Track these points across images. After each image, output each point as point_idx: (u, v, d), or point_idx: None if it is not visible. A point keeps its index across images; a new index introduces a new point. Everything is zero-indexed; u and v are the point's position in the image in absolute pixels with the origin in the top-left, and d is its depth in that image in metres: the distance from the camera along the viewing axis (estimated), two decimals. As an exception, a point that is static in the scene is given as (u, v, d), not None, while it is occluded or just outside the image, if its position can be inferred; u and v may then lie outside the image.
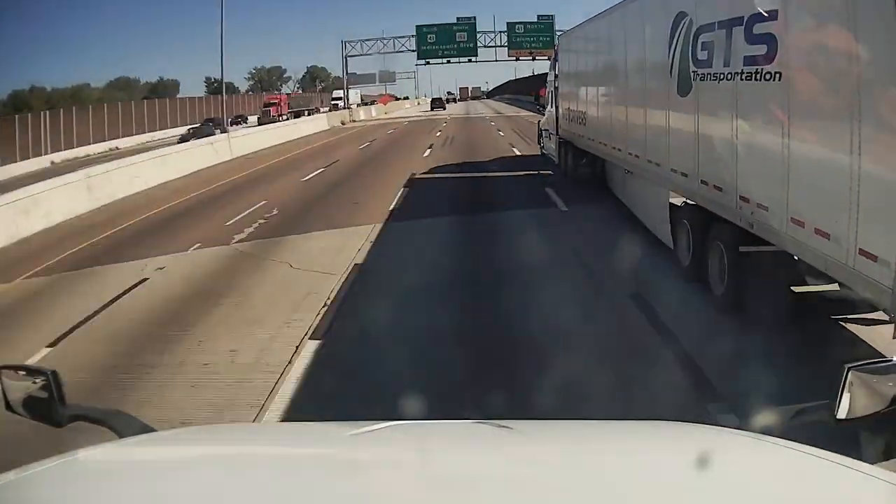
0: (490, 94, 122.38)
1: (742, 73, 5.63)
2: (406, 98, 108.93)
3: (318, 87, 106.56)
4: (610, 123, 10.13)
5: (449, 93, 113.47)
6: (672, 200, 7.50)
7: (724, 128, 6.01)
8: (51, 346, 6.21)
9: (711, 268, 6.42)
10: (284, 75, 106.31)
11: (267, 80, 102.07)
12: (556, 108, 15.30)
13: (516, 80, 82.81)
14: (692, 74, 6.63)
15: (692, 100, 6.65)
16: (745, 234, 5.71)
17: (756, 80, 5.39)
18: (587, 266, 7.73)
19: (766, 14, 5.21)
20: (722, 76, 6.00)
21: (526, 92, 52.37)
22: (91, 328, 6.68)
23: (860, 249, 4.13)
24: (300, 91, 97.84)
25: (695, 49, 6.58)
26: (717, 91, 6.15)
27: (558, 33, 26.23)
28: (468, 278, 7.52)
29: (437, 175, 16.91)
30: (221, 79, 35.91)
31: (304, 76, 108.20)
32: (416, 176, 16.45)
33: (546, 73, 18.83)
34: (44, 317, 7.15)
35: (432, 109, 69.20)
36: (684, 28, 6.83)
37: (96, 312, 7.06)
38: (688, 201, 7.06)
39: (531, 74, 61.21)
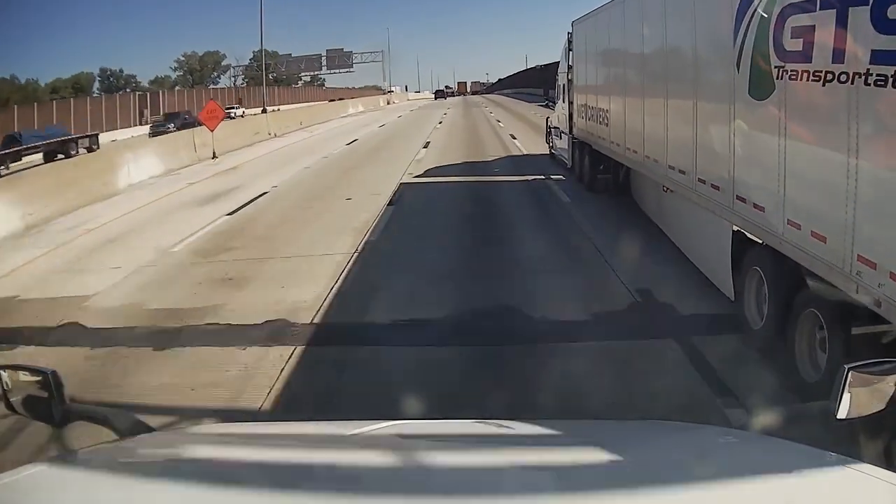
0: (492, 89, 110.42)
1: (868, 74, 3.78)
2: (386, 91, 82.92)
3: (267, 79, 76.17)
4: (642, 126, 8.25)
5: (447, 86, 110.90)
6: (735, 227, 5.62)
7: (831, 152, 4.17)
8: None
9: (799, 343, 4.62)
10: (223, 62, 78.47)
11: (199, 70, 75.41)
12: (570, 103, 13.43)
13: (528, 70, 69.09)
14: (775, 70, 4.76)
15: (775, 105, 4.80)
16: (862, 308, 3.90)
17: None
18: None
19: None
20: (830, 76, 4.14)
21: (538, 85, 42.35)
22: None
23: None
24: (244, 86, 68.36)
25: (779, 35, 4.71)
26: (818, 97, 4.30)
27: None
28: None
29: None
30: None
31: (250, 63, 76.33)
32: None
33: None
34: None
35: (436, 99, 77.78)
36: (762, 4, 4.96)
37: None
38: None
39: (543, 64, 49.59)
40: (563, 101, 14.30)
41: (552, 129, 16.67)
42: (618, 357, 5.27)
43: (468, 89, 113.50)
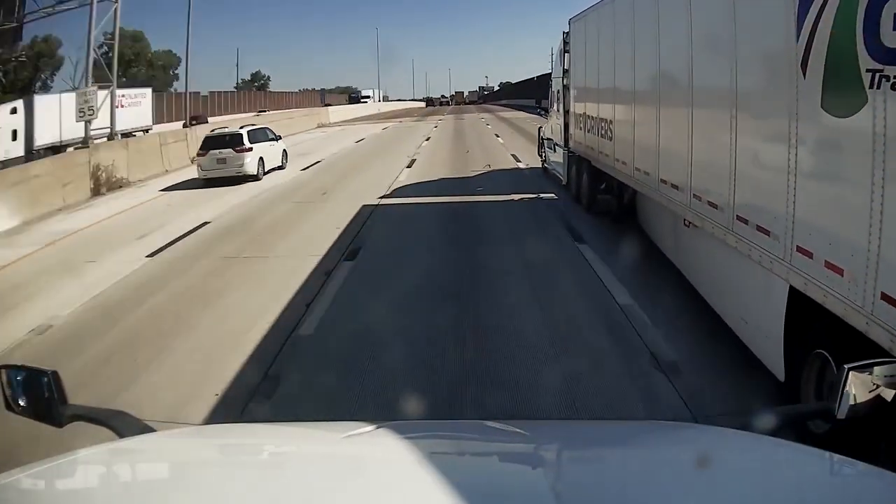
0: (491, 96, 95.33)
1: None
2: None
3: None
4: (656, 142, 6.78)
5: (443, 95, 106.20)
6: (794, 283, 4.11)
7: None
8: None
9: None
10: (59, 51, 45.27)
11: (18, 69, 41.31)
12: (566, 112, 11.99)
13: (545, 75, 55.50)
14: (867, 76, 3.30)
15: (866, 124, 3.32)
16: None
17: None
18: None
19: None
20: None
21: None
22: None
23: None
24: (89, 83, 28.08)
25: (874, 25, 3.25)
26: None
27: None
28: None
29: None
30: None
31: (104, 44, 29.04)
32: None
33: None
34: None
35: (427, 106, 69.16)
36: (841, -15, 3.50)
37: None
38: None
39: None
40: (558, 110, 12.89)
41: (545, 141, 15.27)
42: None
43: (465, 99, 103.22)
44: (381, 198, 13.42)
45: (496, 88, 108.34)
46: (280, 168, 18.97)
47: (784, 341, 4.20)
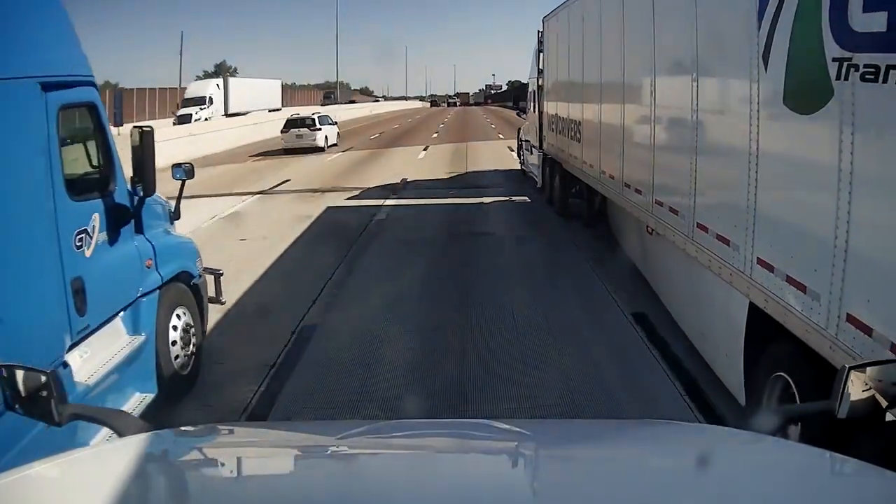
0: (499, 97, 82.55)
1: None
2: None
3: None
4: (620, 145, 6.38)
5: (449, 95, 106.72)
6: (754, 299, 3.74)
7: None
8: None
9: None
10: None
11: None
12: (540, 113, 11.62)
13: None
14: (834, 66, 2.91)
15: (832, 121, 2.92)
16: None
17: None
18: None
19: None
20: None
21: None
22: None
23: None
24: None
25: (842, 8, 2.87)
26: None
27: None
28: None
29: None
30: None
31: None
32: None
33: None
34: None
35: (431, 106, 71.33)
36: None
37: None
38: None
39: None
40: (534, 111, 12.52)
41: (523, 143, 14.91)
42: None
43: (469, 99, 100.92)
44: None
45: (504, 88, 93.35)
46: (335, 145, 25.69)
47: (744, 361, 3.80)
